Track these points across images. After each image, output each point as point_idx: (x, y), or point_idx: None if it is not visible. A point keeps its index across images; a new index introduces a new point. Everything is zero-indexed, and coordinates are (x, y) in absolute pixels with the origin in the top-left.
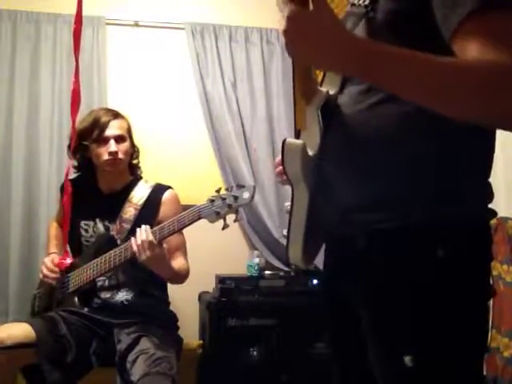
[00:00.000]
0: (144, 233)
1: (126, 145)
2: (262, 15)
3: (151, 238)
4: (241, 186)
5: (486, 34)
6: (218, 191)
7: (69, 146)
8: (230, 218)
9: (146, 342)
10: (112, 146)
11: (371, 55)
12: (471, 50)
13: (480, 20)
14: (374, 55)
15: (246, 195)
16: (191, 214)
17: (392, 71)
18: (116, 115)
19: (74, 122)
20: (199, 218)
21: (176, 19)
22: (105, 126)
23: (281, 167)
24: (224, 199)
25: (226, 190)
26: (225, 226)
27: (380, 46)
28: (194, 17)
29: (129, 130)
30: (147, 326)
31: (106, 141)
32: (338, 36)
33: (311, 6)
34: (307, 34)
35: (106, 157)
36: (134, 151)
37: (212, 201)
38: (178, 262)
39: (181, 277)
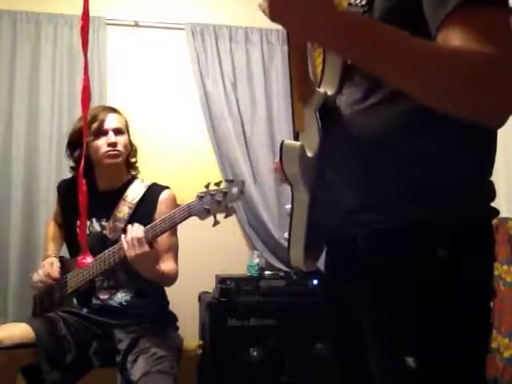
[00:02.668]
0: (135, 230)
1: (124, 138)
2: (262, 15)
3: (141, 234)
4: (230, 181)
5: (469, 28)
6: (206, 186)
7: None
8: (221, 214)
9: (146, 342)
10: (111, 137)
11: (354, 27)
12: (454, 43)
13: (464, 14)
14: (357, 27)
15: (235, 190)
16: (181, 212)
17: (373, 44)
18: (113, 110)
19: (85, 117)
20: (189, 216)
21: (176, 19)
22: (103, 120)
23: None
24: (213, 195)
25: (215, 185)
26: (215, 223)
27: (364, 20)
28: (194, 17)
29: (126, 126)
30: (147, 326)
31: (105, 133)
32: (323, 5)
33: None
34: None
35: (105, 148)
36: (131, 149)
37: (201, 197)
38: (167, 265)
39: (167, 280)
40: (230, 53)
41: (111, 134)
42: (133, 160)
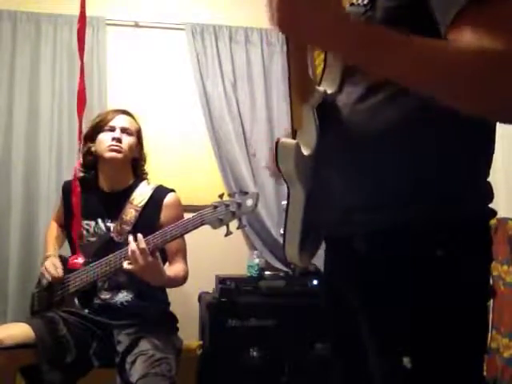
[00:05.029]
0: (135, 244)
1: (131, 139)
2: (262, 15)
3: (143, 245)
4: (244, 193)
5: (481, 23)
6: (220, 196)
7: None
8: (233, 224)
9: (146, 344)
10: (117, 133)
11: (367, 34)
12: (466, 39)
13: (475, 10)
14: (370, 34)
15: (250, 203)
16: (194, 220)
17: (386, 50)
18: (126, 113)
19: (80, 120)
20: (202, 224)
21: (176, 19)
22: (112, 118)
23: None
24: (227, 206)
25: (229, 195)
26: (228, 233)
27: (375, 27)
28: (194, 17)
29: (138, 132)
30: (146, 327)
31: (112, 129)
32: (333, 14)
33: None
34: (302, 9)
35: (109, 142)
36: (141, 154)
37: (215, 207)
38: (175, 268)
39: (177, 282)
40: (229, 53)
41: (118, 130)
42: (141, 164)
